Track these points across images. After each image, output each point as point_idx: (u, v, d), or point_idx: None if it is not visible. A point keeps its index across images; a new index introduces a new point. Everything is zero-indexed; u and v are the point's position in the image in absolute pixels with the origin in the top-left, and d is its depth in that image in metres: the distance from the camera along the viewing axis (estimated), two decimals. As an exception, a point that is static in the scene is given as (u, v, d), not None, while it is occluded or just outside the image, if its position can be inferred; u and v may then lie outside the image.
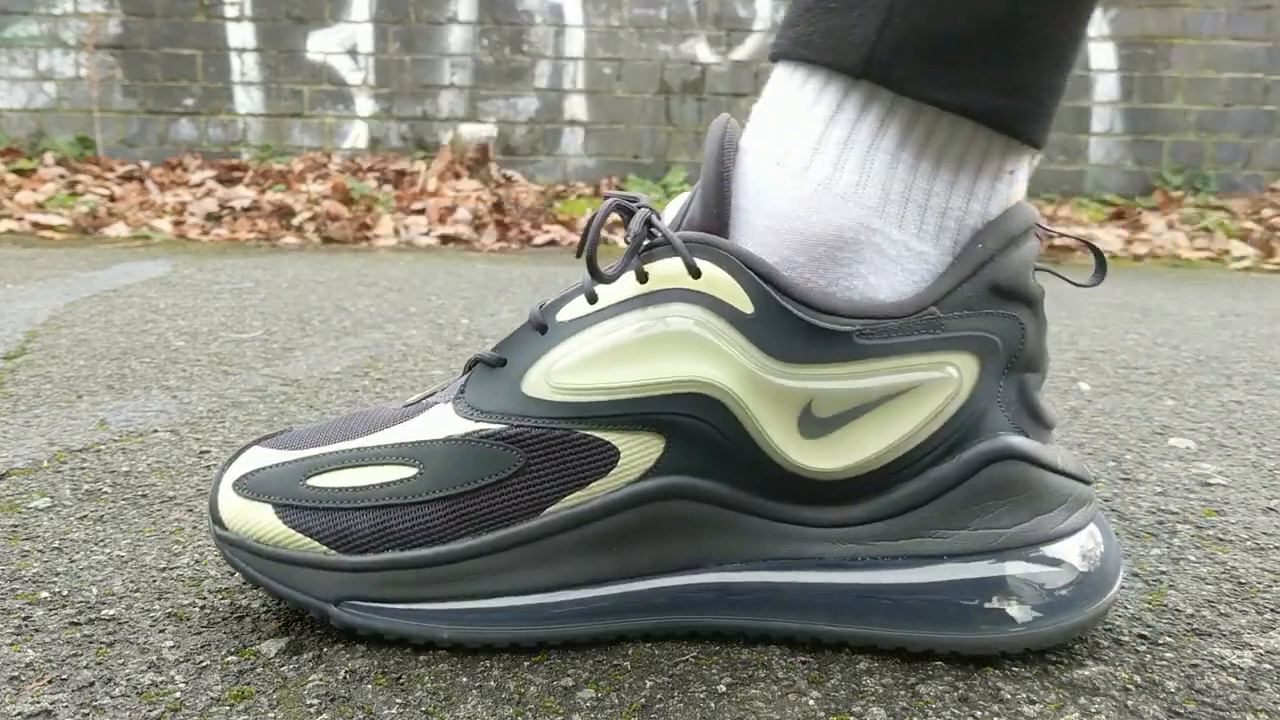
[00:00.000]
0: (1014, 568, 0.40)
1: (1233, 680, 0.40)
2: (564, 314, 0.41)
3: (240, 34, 3.03)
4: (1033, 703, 0.38)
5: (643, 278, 0.39)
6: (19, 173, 2.77)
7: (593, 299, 0.40)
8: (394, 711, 0.36)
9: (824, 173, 0.39)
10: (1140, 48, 2.94)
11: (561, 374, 0.40)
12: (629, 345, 0.39)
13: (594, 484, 0.39)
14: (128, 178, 2.85)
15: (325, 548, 0.41)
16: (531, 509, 0.40)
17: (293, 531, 0.41)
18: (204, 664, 0.39)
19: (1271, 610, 0.46)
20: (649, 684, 0.38)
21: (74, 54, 3.02)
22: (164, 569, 0.49)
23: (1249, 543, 0.55)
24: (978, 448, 0.39)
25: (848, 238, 0.39)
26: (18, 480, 0.62)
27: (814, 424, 0.39)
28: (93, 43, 3.01)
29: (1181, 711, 0.37)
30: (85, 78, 3.01)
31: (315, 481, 0.41)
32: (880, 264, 0.39)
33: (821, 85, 0.40)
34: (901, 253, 0.40)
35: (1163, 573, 0.51)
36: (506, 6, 3.04)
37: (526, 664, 0.40)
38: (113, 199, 2.65)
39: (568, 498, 0.40)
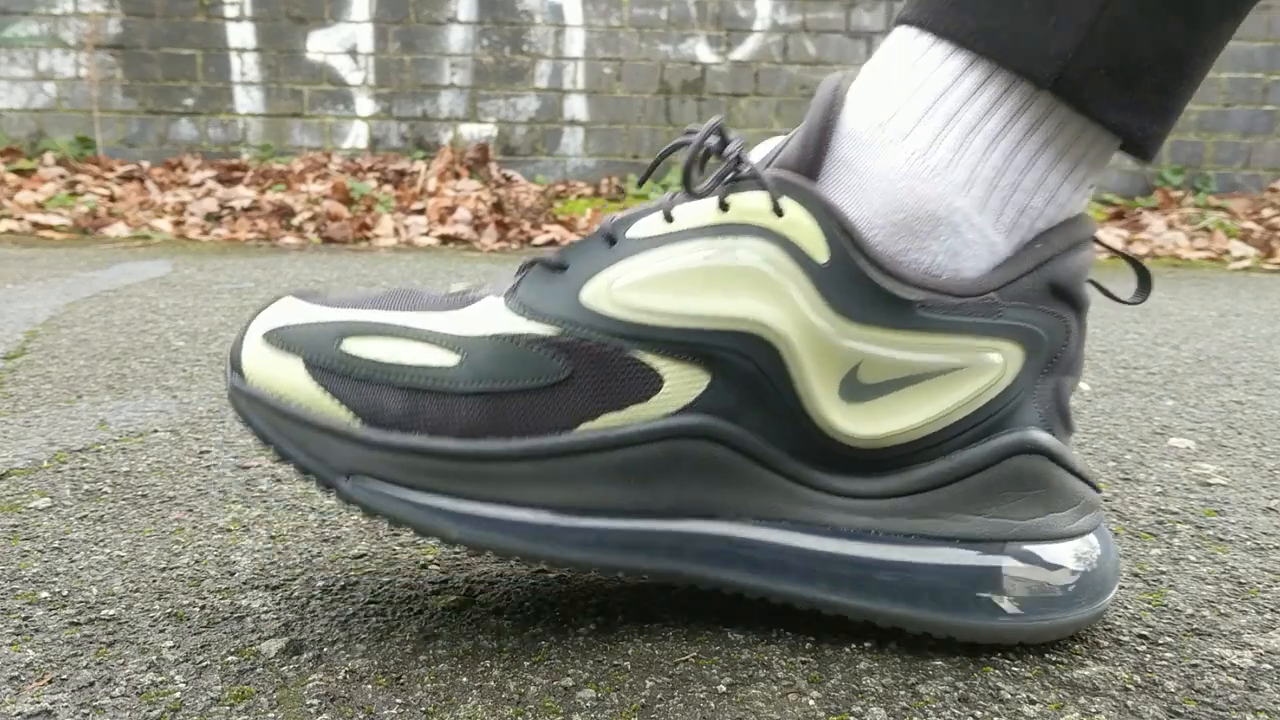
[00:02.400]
0: (1013, 562, 0.40)
1: (1233, 680, 0.40)
2: (636, 230, 0.40)
3: (240, 34, 3.03)
4: (1033, 703, 0.38)
5: (724, 207, 0.39)
6: (19, 173, 2.77)
7: (669, 218, 0.39)
8: (394, 711, 0.36)
9: (922, 143, 0.39)
10: (1140, 48, 2.94)
11: (624, 290, 0.39)
12: (696, 272, 0.38)
13: (632, 408, 0.39)
14: (128, 178, 2.85)
15: (352, 417, 0.39)
16: (566, 423, 0.39)
17: (322, 394, 0.39)
18: (204, 664, 0.39)
19: (1271, 610, 0.46)
20: (649, 684, 0.38)
21: (74, 54, 3.02)
22: (164, 569, 0.49)
23: (1249, 543, 0.55)
24: (1007, 437, 0.40)
25: (929, 210, 0.39)
26: (18, 480, 0.62)
27: (857, 388, 0.39)
28: (93, 43, 3.01)
29: (1181, 711, 0.37)
30: (85, 78, 3.01)
31: (350, 347, 0.40)
32: (953, 244, 0.40)
33: (944, 58, 0.39)
34: (975, 237, 0.40)
35: (1163, 573, 0.51)
36: (506, 6, 3.04)
37: (526, 664, 0.40)
38: (113, 199, 2.65)
39: (604, 417, 0.39)
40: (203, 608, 0.44)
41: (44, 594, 0.46)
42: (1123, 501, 0.62)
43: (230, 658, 0.40)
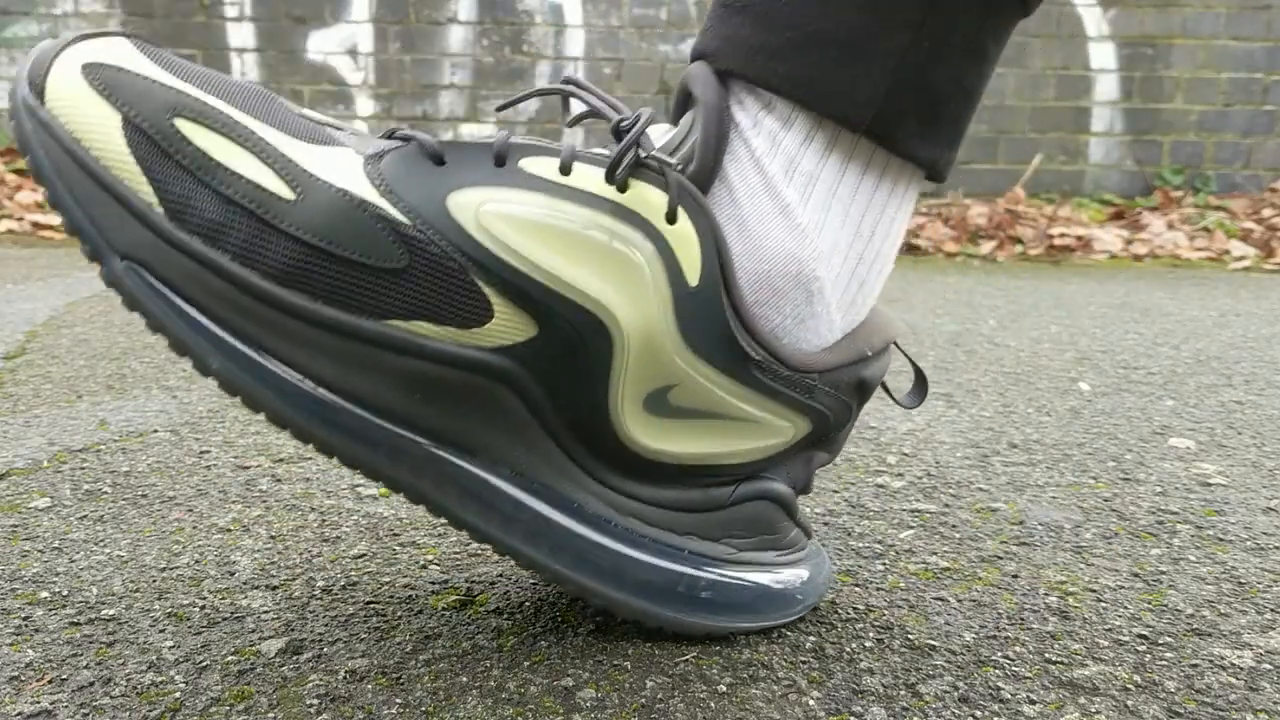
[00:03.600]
0: (716, 575, 0.42)
1: (1233, 680, 0.40)
2: (529, 164, 0.38)
3: (240, 34, 3.03)
4: (1033, 703, 0.38)
5: (622, 187, 0.37)
6: (19, 173, 2.77)
7: (566, 170, 0.38)
8: (394, 711, 0.36)
9: (793, 199, 0.40)
10: (1140, 48, 2.94)
11: (494, 217, 0.36)
12: (572, 238, 0.37)
13: (450, 328, 0.37)
14: (128, 178, 2.84)
15: (157, 201, 0.35)
16: (379, 311, 0.36)
17: (132, 162, 0.35)
18: (204, 664, 0.39)
19: (1271, 610, 0.46)
20: (649, 684, 0.38)
21: (74, 54, 3.02)
22: (164, 569, 0.49)
23: (1249, 543, 0.55)
24: (754, 485, 0.43)
25: (793, 271, 0.40)
26: (18, 480, 0.62)
27: (662, 405, 0.39)
28: (93, 43, 3.01)
29: (1181, 711, 0.37)
30: (85, 78, 3.01)
31: (182, 127, 0.35)
32: (804, 313, 0.41)
33: (789, 112, 0.40)
34: (821, 311, 0.41)
35: (1163, 573, 0.51)
36: (506, 6, 3.04)
37: (526, 664, 0.40)
38: (113, 199, 2.64)
39: (418, 324, 0.37)
40: (203, 608, 0.44)
41: (44, 594, 0.46)
42: (1123, 501, 0.62)
43: (230, 658, 0.40)
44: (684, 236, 0.37)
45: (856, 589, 0.48)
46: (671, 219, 0.37)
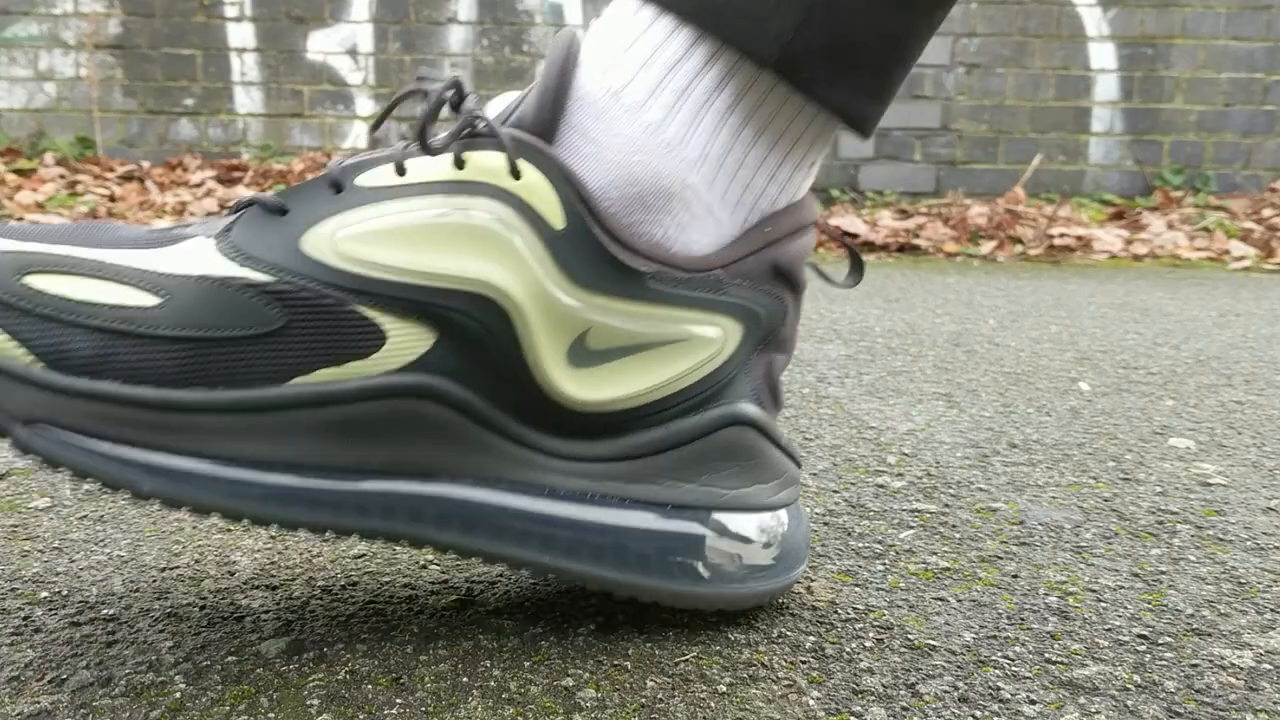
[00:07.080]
0: (714, 531, 0.42)
1: (1233, 680, 0.40)
2: (365, 179, 0.38)
3: (240, 34, 3.04)
4: (1033, 703, 0.38)
5: (459, 164, 0.38)
6: (19, 173, 2.77)
7: (401, 171, 0.38)
8: (395, 711, 0.36)
9: (656, 116, 0.40)
10: (1140, 48, 2.94)
11: (349, 241, 0.37)
12: (427, 229, 0.37)
13: (351, 364, 0.37)
14: (128, 178, 2.85)
15: (33, 358, 0.35)
16: (278, 375, 0.36)
17: None
18: (204, 664, 0.39)
19: (1271, 610, 0.46)
20: (650, 684, 0.38)
21: (74, 54, 3.02)
22: (164, 569, 0.49)
23: (1249, 543, 0.55)
24: (721, 409, 0.42)
25: (663, 185, 0.40)
26: (18, 480, 0.62)
27: (585, 354, 0.39)
28: (93, 43, 3.01)
29: (1181, 711, 0.37)
30: (85, 78, 3.01)
31: (33, 282, 0.36)
32: (684, 219, 0.40)
33: (671, 31, 0.40)
34: (703, 212, 0.41)
35: (1163, 573, 0.51)
36: (506, 6, 3.04)
37: (527, 664, 0.40)
38: (113, 199, 2.65)
39: (319, 373, 0.36)
40: (203, 608, 0.44)
41: (44, 594, 0.46)
42: (1123, 501, 0.62)
43: (230, 658, 0.40)
44: (532, 186, 0.37)
45: (856, 589, 0.48)
46: (516, 175, 0.37)
